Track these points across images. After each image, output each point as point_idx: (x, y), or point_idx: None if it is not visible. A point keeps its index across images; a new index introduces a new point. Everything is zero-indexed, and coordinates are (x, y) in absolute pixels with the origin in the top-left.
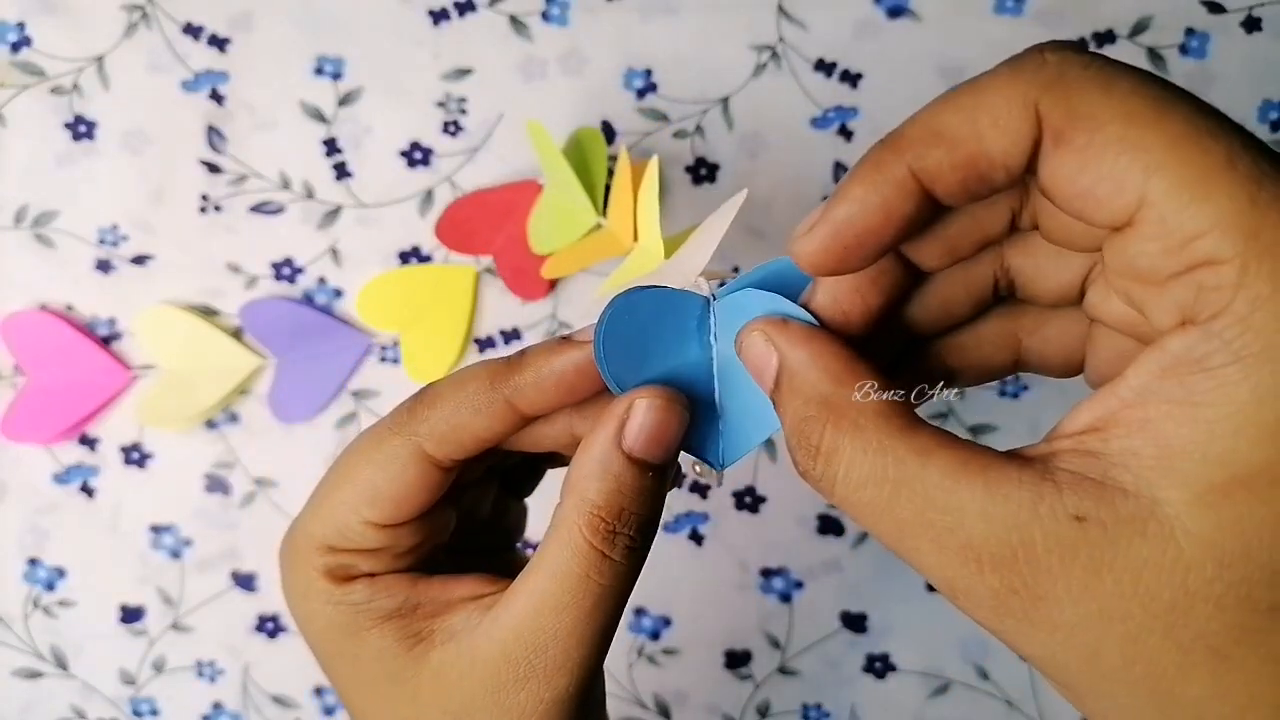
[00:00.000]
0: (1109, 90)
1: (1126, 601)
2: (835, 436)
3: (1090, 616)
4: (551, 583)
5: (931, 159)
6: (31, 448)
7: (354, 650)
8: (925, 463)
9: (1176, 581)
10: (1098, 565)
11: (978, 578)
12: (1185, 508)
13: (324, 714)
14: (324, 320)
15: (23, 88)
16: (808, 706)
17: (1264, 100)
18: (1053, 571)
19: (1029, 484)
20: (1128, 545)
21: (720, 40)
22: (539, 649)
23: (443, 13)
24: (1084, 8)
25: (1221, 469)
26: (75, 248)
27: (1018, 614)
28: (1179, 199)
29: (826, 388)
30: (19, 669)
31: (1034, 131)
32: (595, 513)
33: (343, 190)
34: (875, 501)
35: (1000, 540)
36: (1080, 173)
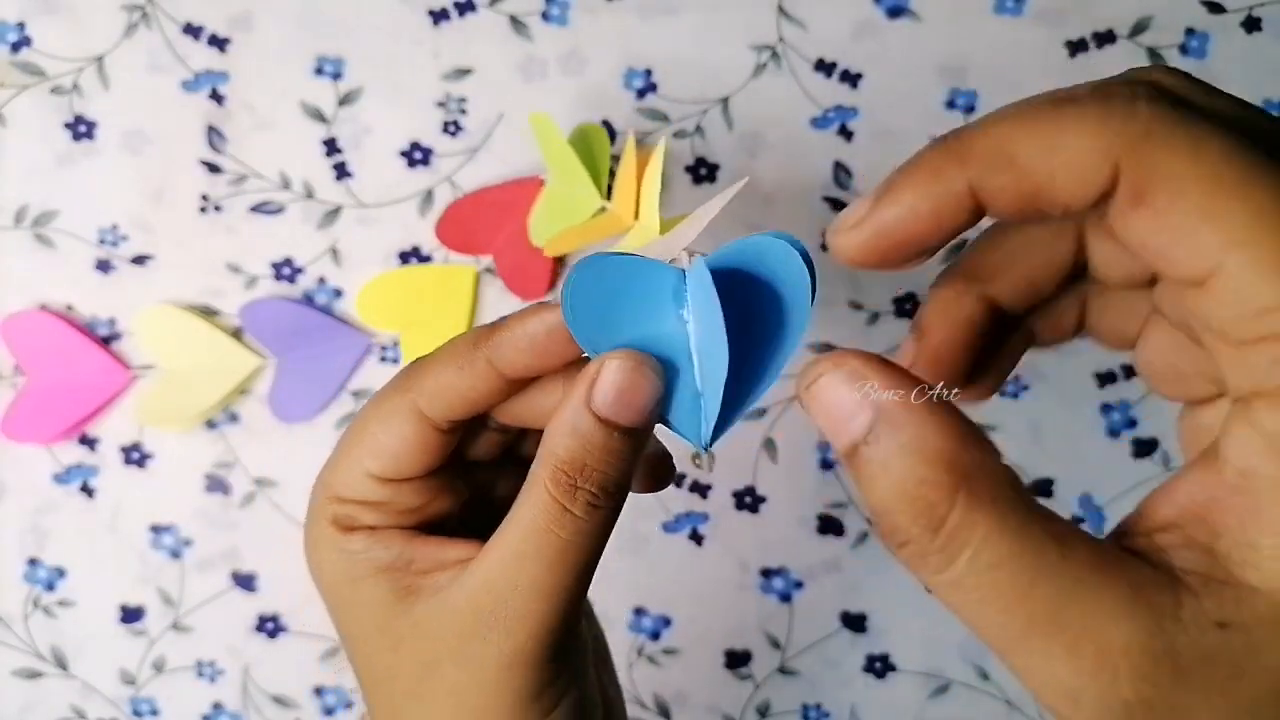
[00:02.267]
0: (1197, 154)
1: (1260, 704)
2: (969, 509)
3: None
4: (516, 534)
5: (996, 182)
6: (31, 448)
7: (351, 598)
8: (1066, 554)
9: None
10: (1238, 672)
11: (1111, 688)
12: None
13: (324, 714)
14: (324, 320)
15: (23, 88)
16: (808, 706)
17: (1264, 100)
18: (1192, 682)
19: (1168, 588)
20: (1268, 647)
21: (720, 40)
22: (501, 599)
23: (443, 13)
24: (1084, 8)
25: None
26: (75, 248)
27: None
28: (1255, 273)
29: (951, 446)
30: (19, 669)
31: (1109, 184)
32: (560, 467)
33: (343, 190)
34: (1007, 591)
35: (1144, 648)
36: (1156, 233)
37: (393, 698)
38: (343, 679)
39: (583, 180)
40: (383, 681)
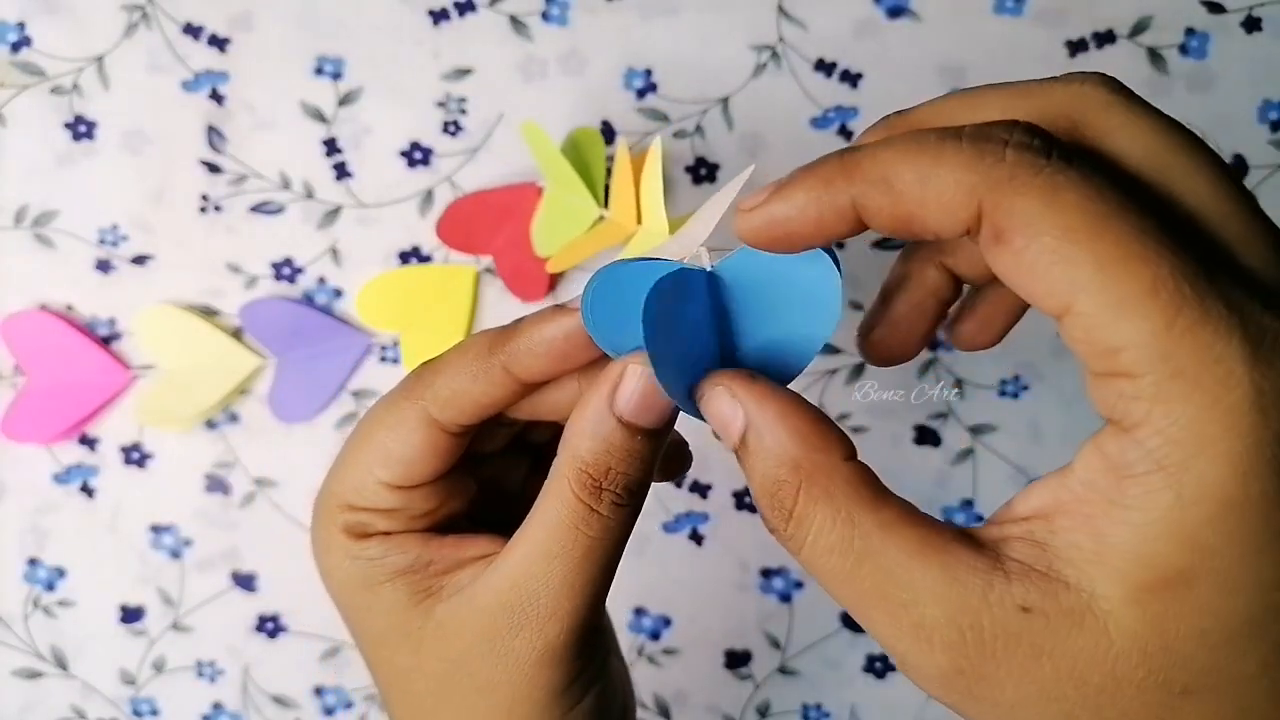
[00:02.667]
0: (1053, 201)
1: (1062, 685)
2: (807, 503)
3: (1029, 697)
4: (543, 533)
5: (874, 202)
6: (31, 448)
7: (368, 604)
8: (887, 538)
9: (1106, 669)
10: (1038, 652)
11: (927, 655)
12: (1118, 604)
13: (324, 714)
14: (324, 320)
15: (23, 88)
16: (808, 706)
17: (1264, 100)
18: (997, 656)
19: (982, 571)
20: (1066, 635)
21: (720, 40)
22: (531, 596)
23: (443, 13)
24: (1084, 8)
25: (1149, 570)
26: (75, 248)
27: (962, 691)
28: (1100, 317)
29: (797, 450)
30: (19, 669)
31: (972, 220)
32: (584, 469)
33: (343, 190)
34: (839, 570)
35: (951, 623)
36: (1015, 270)
37: (416, 698)
38: (342, 679)
39: (578, 190)
40: (405, 683)
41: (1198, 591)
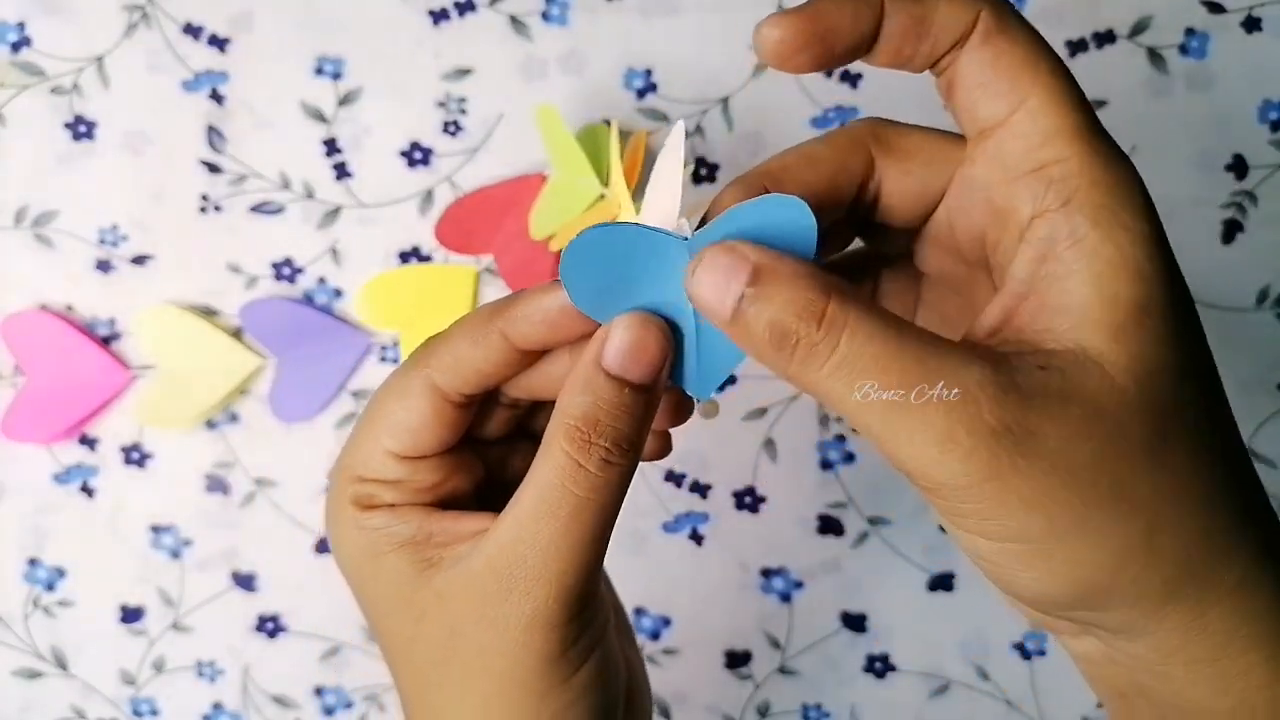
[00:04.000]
0: (1029, 27)
1: (1089, 423)
2: (841, 303)
3: (1066, 441)
4: (532, 495)
5: (899, 7)
6: (31, 448)
7: (374, 573)
8: (918, 328)
9: (1116, 400)
10: (1066, 397)
11: (977, 417)
12: (1105, 345)
13: (324, 714)
14: (324, 320)
15: (23, 88)
16: (808, 706)
17: (1264, 100)
18: (1035, 406)
19: (993, 352)
20: (1080, 379)
21: (720, 40)
22: (519, 559)
23: (443, 13)
24: (1084, 8)
25: (1116, 308)
26: (75, 248)
27: (1012, 454)
28: (1047, 107)
29: (816, 273)
30: (19, 669)
31: (970, 24)
32: (573, 424)
33: (343, 190)
34: (883, 353)
35: (993, 381)
36: (990, 65)
37: (418, 667)
38: (342, 679)
39: (584, 170)
40: (407, 653)
41: (1155, 318)
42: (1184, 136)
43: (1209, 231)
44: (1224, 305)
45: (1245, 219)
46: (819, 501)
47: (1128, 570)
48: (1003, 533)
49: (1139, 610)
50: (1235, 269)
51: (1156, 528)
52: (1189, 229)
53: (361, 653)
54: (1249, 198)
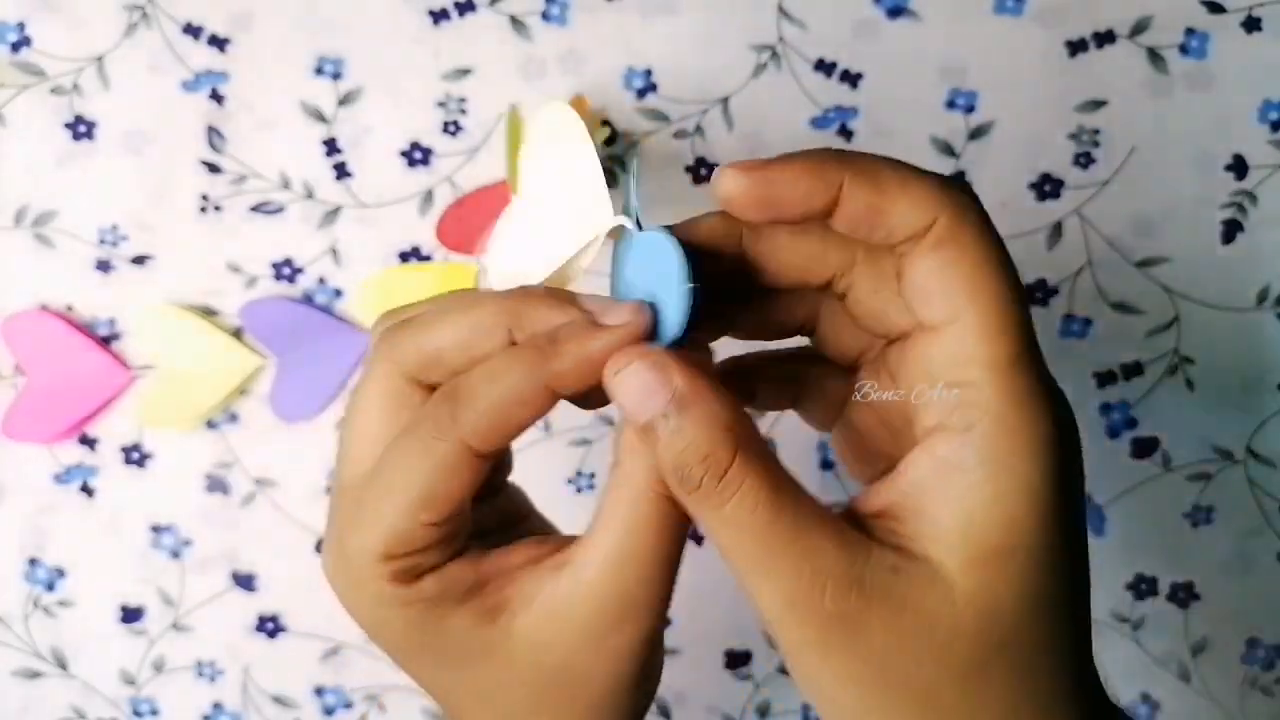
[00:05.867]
0: (985, 239)
1: (918, 633)
2: (743, 462)
3: (892, 643)
4: (625, 534)
5: (858, 190)
6: (31, 448)
7: (437, 641)
8: (799, 506)
9: (949, 622)
10: (902, 605)
11: (818, 603)
12: (957, 571)
13: (324, 714)
14: (324, 320)
15: (23, 88)
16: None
17: (1264, 100)
18: (873, 605)
19: (863, 540)
20: (922, 593)
21: (720, 40)
22: (627, 596)
23: (443, 13)
24: (1084, 7)
25: (978, 546)
26: (75, 248)
27: (841, 638)
28: (977, 329)
29: (732, 417)
30: (19, 669)
31: (925, 227)
32: (671, 469)
33: (343, 190)
34: (759, 522)
35: (843, 574)
36: (935, 271)
37: (509, 711)
38: (342, 679)
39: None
40: (492, 700)
41: (1015, 562)
42: (1184, 136)
43: (1209, 231)
44: (1224, 305)
45: (1245, 219)
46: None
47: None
48: (818, 695)
49: None
50: (1235, 269)
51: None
52: (1189, 229)
53: (361, 653)
54: (1249, 198)
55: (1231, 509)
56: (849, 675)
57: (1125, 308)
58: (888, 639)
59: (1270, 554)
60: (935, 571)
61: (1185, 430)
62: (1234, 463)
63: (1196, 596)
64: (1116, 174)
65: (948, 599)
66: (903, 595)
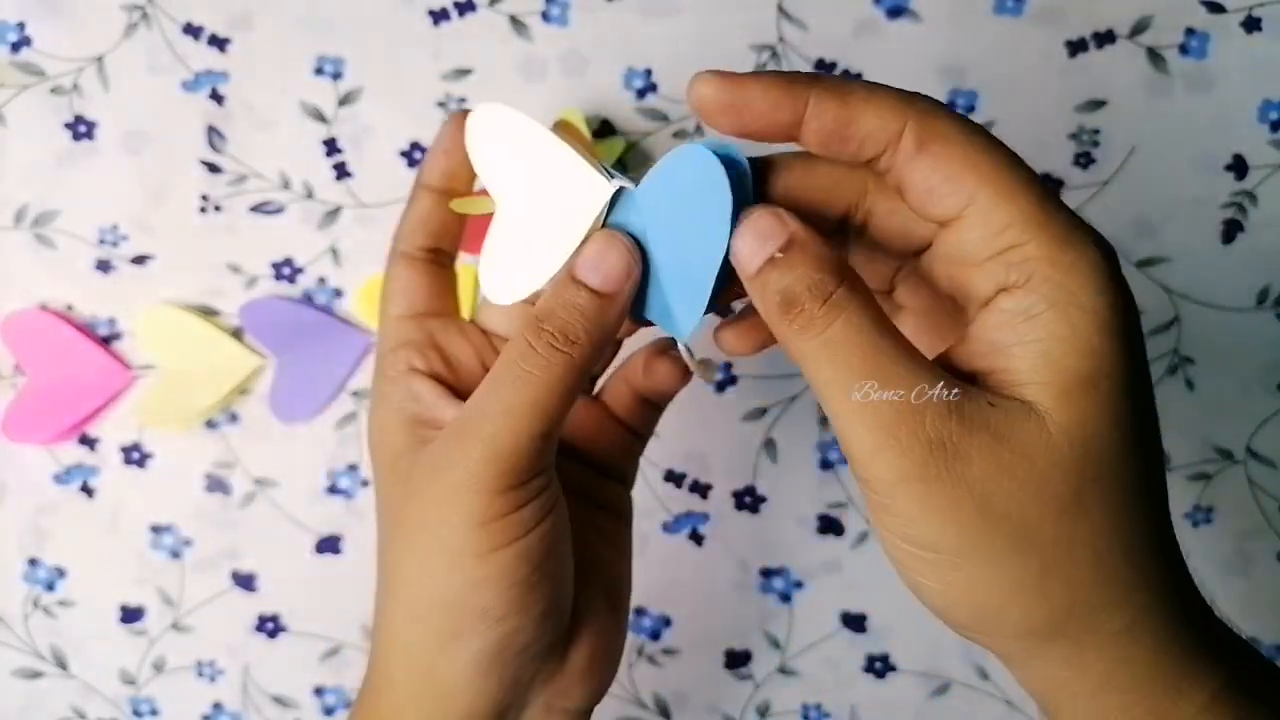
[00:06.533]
0: (961, 126)
1: (1015, 463)
2: (848, 292)
3: (990, 473)
4: (490, 371)
5: (826, 104)
6: (31, 448)
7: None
8: (898, 335)
9: (1045, 454)
10: (1001, 436)
11: (919, 428)
12: (1049, 404)
13: (324, 714)
14: (324, 320)
15: (23, 88)
16: (808, 706)
17: (1264, 100)
18: (972, 433)
19: (957, 380)
20: (1020, 426)
21: (720, 40)
22: (469, 418)
23: (443, 13)
24: (1084, 7)
25: (1065, 377)
26: (75, 248)
27: (939, 465)
28: (998, 200)
29: (841, 258)
30: (19, 669)
31: (896, 135)
32: (533, 314)
33: (343, 190)
34: (865, 347)
35: (945, 401)
36: (929, 175)
37: (384, 530)
38: (342, 679)
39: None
40: (380, 519)
41: (1101, 390)
42: (1184, 136)
43: (1209, 231)
44: (1224, 305)
45: (1245, 219)
46: (819, 501)
47: (1016, 602)
48: (916, 537)
49: (1024, 643)
50: (1235, 269)
51: (1049, 571)
52: (1189, 229)
53: (361, 653)
54: (1249, 198)
55: (1231, 509)
56: (950, 507)
57: None
58: (987, 469)
59: (1270, 554)
60: (1030, 407)
61: (1185, 430)
62: (1234, 463)
63: None
64: (1116, 174)
65: (1043, 431)
66: (1001, 426)
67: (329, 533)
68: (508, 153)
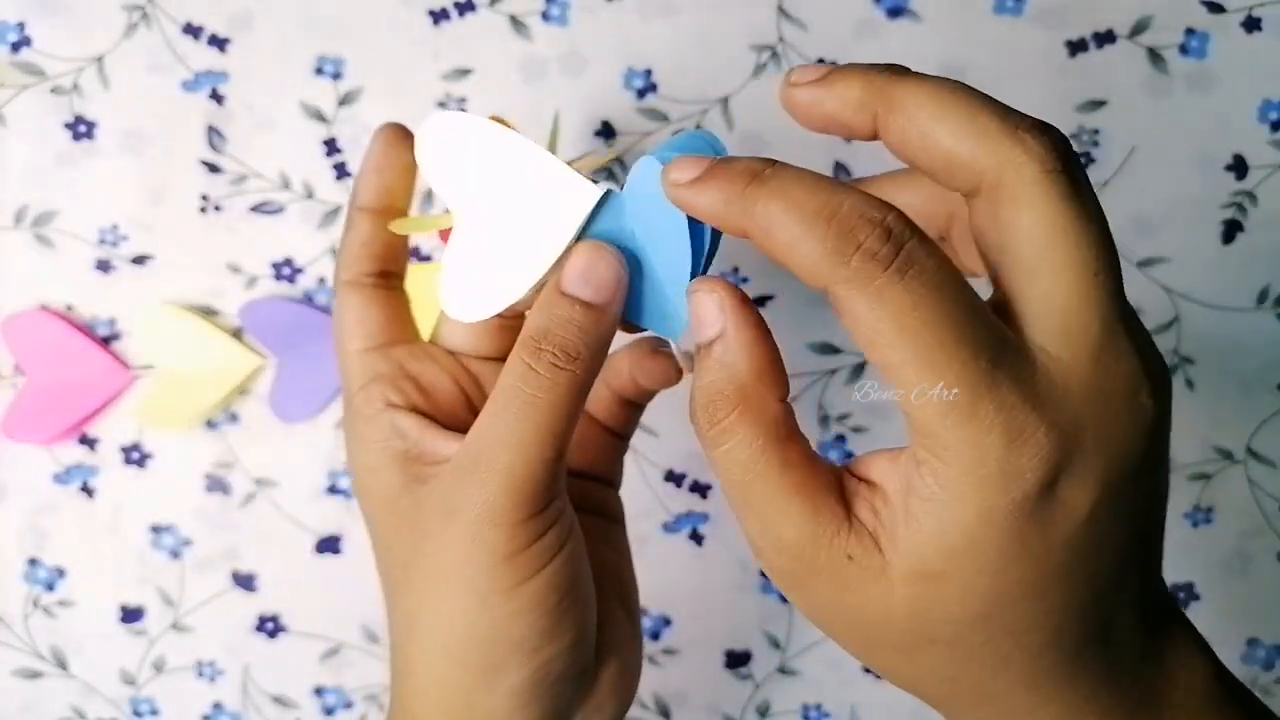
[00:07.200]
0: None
1: (856, 609)
2: (737, 420)
3: (834, 608)
4: (491, 400)
5: (908, 114)
6: (31, 448)
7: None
8: (782, 473)
9: (884, 611)
10: (846, 585)
11: (776, 556)
12: (899, 579)
13: (324, 714)
14: (324, 320)
15: (23, 88)
16: (808, 706)
17: (1264, 100)
18: (821, 576)
19: (835, 520)
20: (867, 583)
21: (720, 40)
22: (478, 452)
23: (443, 13)
24: (1084, 7)
25: (919, 565)
26: (75, 248)
27: (791, 586)
28: (920, 363)
29: (748, 377)
30: (19, 669)
31: (970, 171)
32: (529, 334)
33: (343, 190)
34: (737, 479)
35: (800, 547)
36: (996, 227)
37: (394, 575)
38: (342, 679)
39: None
40: (386, 562)
41: (947, 586)
42: (1184, 136)
43: (1209, 231)
44: (1224, 305)
45: (1245, 219)
46: None
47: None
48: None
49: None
50: (1235, 269)
51: (898, 679)
52: (1189, 229)
53: (361, 653)
54: (1249, 198)
55: (1231, 509)
56: (809, 612)
57: None
58: (830, 603)
59: (1270, 554)
60: (884, 569)
61: (1185, 430)
62: (1234, 463)
63: (1196, 596)
64: (1116, 174)
65: (887, 594)
66: (849, 578)
67: (329, 533)
68: (466, 161)
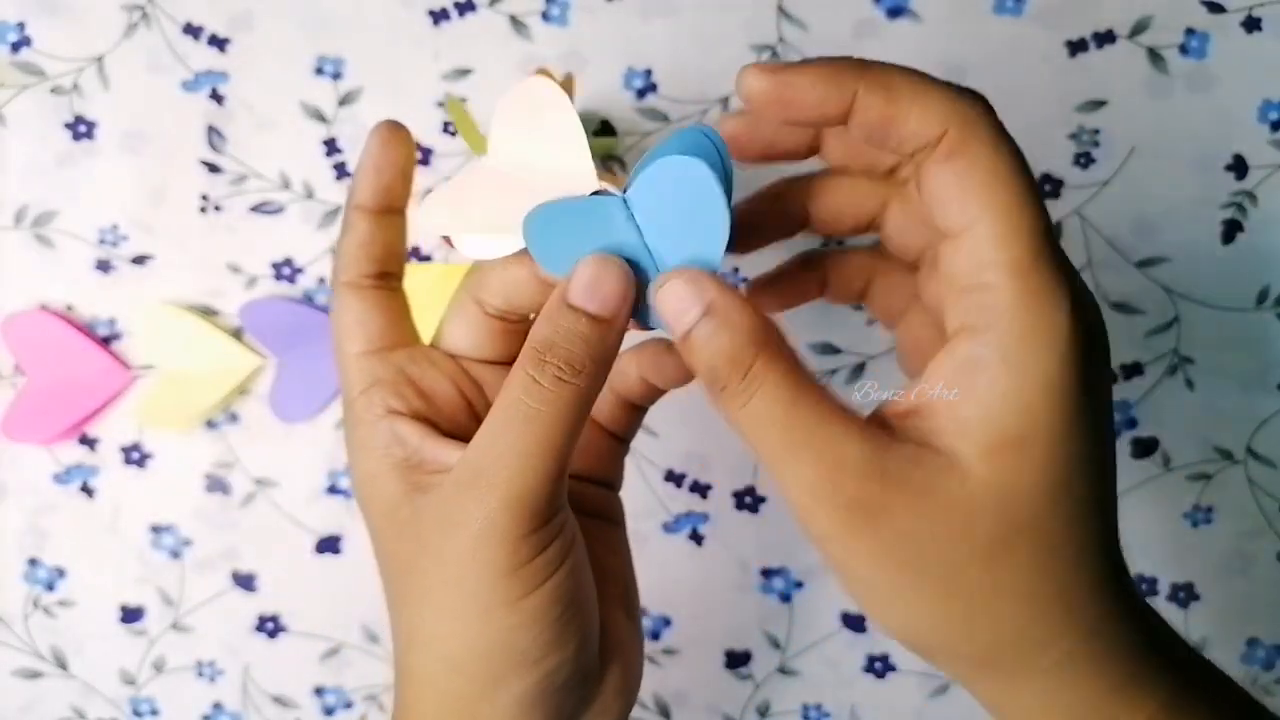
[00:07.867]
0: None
1: (938, 516)
2: (764, 364)
3: (913, 526)
4: (494, 411)
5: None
6: (31, 448)
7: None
8: (820, 401)
9: (966, 507)
10: (924, 489)
11: (840, 488)
12: (974, 460)
13: (324, 714)
14: (324, 320)
15: (23, 88)
16: (808, 706)
17: (1264, 100)
18: (895, 488)
19: (883, 436)
20: (942, 480)
21: (720, 40)
22: (479, 466)
23: (443, 13)
24: (1084, 7)
25: (993, 434)
26: (75, 248)
27: (862, 522)
28: (991, 235)
29: (758, 326)
30: (19, 669)
31: (937, 136)
32: (533, 346)
33: (343, 190)
34: (779, 417)
35: (865, 459)
36: (950, 181)
37: (395, 585)
38: (342, 679)
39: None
40: (387, 572)
41: (1031, 452)
42: (1184, 136)
43: (1209, 231)
44: (1224, 305)
45: (1245, 219)
46: None
47: (946, 638)
48: (850, 581)
49: (960, 671)
50: (1235, 269)
51: (974, 613)
52: (1189, 229)
53: (361, 653)
54: (1249, 198)
55: (1231, 509)
56: (877, 557)
57: (1125, 308)
58: (911, 522)
59: (1270, 554)
60: (953, 461)
61: (1185, 430)
62: (1234, 463)
63: (1196, 596)
64: (1116, 174)
65: (964, 486)
66: (923, 482)
67: (329, 533)
68: (527, 120)
